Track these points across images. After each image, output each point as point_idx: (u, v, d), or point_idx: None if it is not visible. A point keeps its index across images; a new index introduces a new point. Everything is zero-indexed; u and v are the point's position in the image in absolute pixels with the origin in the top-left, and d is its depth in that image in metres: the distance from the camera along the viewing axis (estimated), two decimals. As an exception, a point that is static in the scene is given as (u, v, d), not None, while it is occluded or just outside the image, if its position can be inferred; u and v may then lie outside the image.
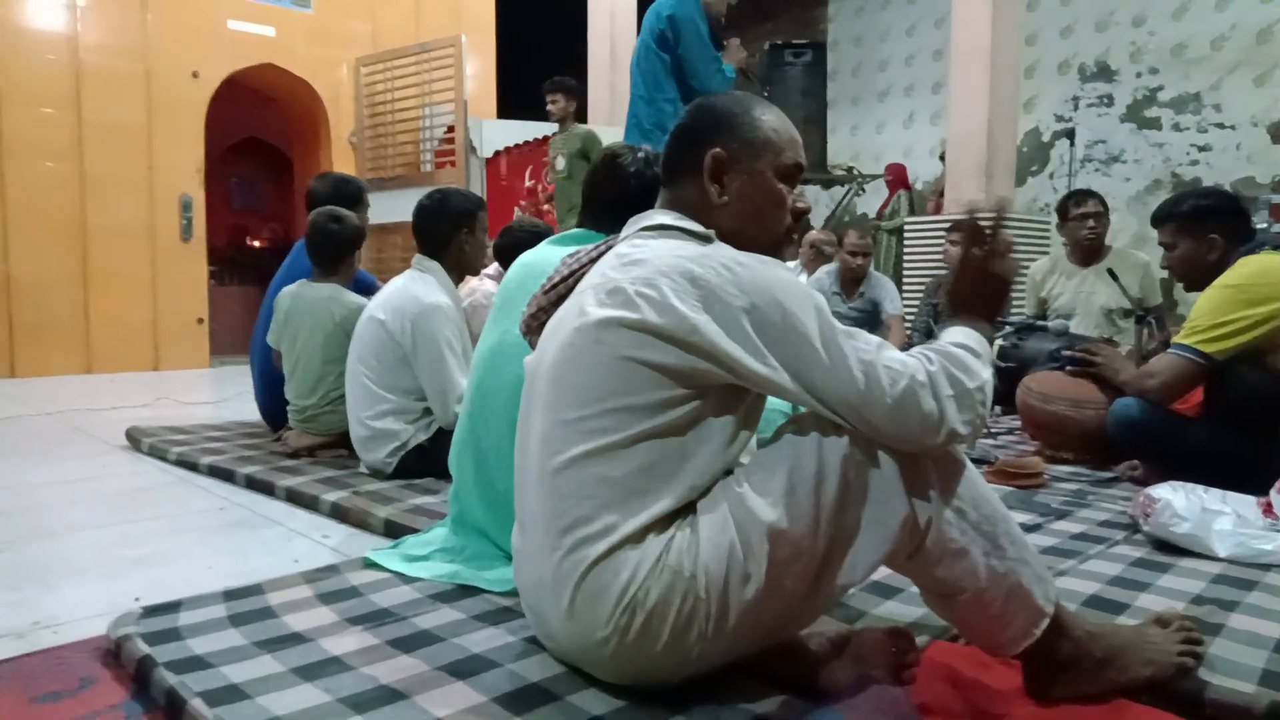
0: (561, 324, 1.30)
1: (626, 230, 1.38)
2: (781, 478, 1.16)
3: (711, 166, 1.31)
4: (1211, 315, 2.33)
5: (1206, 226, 2.51)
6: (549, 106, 5.74)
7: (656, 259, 1.21)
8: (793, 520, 1.14)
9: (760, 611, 1.17)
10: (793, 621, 1.25)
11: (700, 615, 1.16)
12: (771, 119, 1.35)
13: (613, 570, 1.16)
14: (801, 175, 1.38)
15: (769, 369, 1.15)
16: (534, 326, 1.45)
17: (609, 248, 1.39)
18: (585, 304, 1.25)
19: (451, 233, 2.80)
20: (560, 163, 5.76)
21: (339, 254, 3.18)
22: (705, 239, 1.27)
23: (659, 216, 1.33)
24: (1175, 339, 2.40)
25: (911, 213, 8.06)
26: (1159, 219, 2.66)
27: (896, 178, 8.51)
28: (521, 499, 1.32)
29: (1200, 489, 2.02)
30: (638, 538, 1.16)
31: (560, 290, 1.42)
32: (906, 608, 1.58)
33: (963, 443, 1.19)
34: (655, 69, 3.49)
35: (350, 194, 3.56)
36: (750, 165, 1.32)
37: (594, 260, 1.40)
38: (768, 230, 1.34)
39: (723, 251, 1.22)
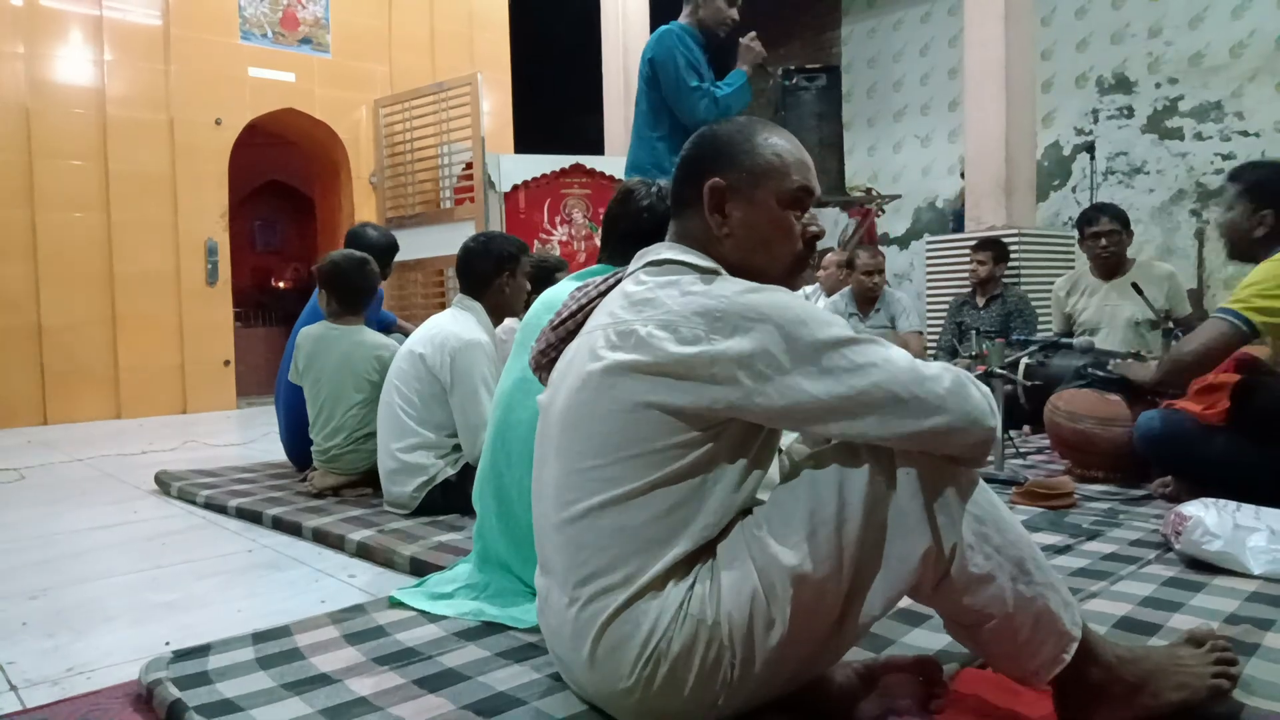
0: (572, 365, 1.28)
1: (633, 265, 1.35)
2: (802, 520, 1.14)
3: (710, 197, 1.28)
4: (1260, 283, 2.28)
5: (1263, 202, 2.45)
6: None
7: (669, 299, 1.19)
8: (816, 563, 1.12)
9: (785, 656, 1.15)
10: (817, 662, 1.23)
11: (725, 663, 1.14)
12: (776, 143, 1.31)
13: (633, 621, 1.15)
14: (813, 199, 1.32)
15: (791, 394, 1.12)
16: (543, 364, 1.42)
17: (618, 281, 1.37)
18: (595, 345, 1.23)
19: (494, 274, 2.87)
20: None
21: (362, 294, 3.22)
22: (711, 273, 1.24)
23: (664, 251, 1.30)
24: (1220, 305, 2.34)
25: (860, 242, 8.04)
26: (1231, 176, 2.60)
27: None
28: (541, 542, 1.31)
29: (1232, 505, 1.99)
30: (658, 585, 1.15)
31: (569, 326, 1.39)
32: (934, 635, 1.56)
33: (989, 444, 1.17)
34: (647, 108, 3.52)
35: (390, 245, 3.88)
36: (751, 193, 1.28)
37: (603, 295, 1.37)
38: (775, 259, 1.30)
39: (730, 284, 1.20)
